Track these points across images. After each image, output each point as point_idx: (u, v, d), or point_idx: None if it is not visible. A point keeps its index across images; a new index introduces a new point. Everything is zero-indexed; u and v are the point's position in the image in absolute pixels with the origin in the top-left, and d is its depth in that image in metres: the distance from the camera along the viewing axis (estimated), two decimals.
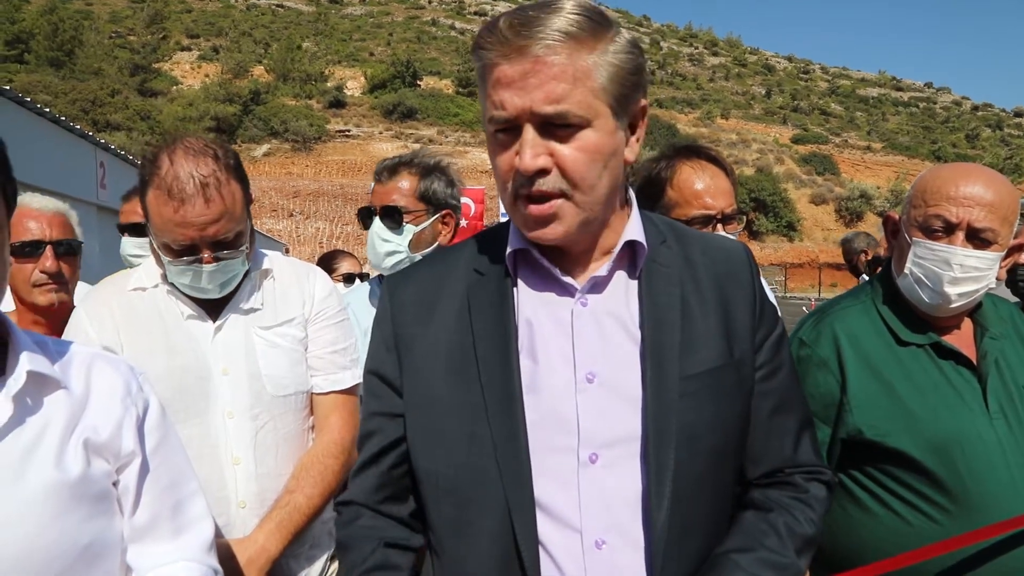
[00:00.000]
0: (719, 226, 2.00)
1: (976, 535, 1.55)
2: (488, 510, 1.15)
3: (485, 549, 1.16)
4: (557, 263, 1.20)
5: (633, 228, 1.22)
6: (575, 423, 1.15)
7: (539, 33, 1.06)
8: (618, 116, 1.13)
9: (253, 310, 1.88)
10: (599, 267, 1.21)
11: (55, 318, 2.20)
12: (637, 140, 1.18)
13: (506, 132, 1.12)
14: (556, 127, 1.09)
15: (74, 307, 2.41)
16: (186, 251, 1.72)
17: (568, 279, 1.20)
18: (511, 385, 1.16)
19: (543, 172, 1.10)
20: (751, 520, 1.22)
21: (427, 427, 1.22)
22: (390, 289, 1.31)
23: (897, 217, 1.81)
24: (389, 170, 2.35)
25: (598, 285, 1.21)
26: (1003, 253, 1.68)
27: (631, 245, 1.21)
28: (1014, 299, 3.42)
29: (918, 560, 1.55)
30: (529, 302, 1.21)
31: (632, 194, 1.27)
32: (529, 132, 1.09)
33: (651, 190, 2.07)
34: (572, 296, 1.20)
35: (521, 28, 1.07)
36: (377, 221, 2.31)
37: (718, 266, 1.25)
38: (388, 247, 2.30)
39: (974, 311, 1.79)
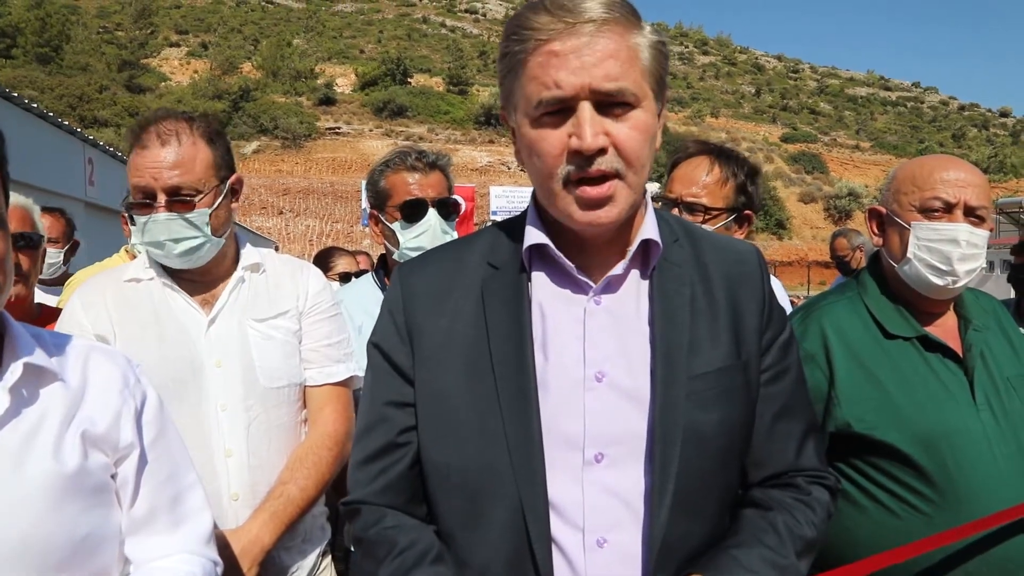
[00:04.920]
0: (677, 211, 2.07)
1: (962, 531, 1.56)
2: (500, 505, 1.14)
3: (496, 542, 1.15)
4: (574, 260, 1.18)
5: (649, 226, 1.20)
6: (581, 422, 1.15)
7: (586, 13, 1.05)
8: (657, 99, 1.13)
9: (247, 303, 1.89)
10: (615, 266, 1.19)
11: (13, 311, 2.17)
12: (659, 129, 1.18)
13: (555, 114, 1.09)
14: (612, 106, 1.07)
15: (34, 301, 2.41)
16: (145, 201, 1.80)
17: (583, 277, 1.18)
18: (525, 381, 1.15)
19: (602, 151, 1.07)
20: (750, 517, 1.20)
21: (439, 419, 1.20)
22: (403, 276, 1.29)
23: (884, 210, 1.82)
24: (428, 163, 2.32)
25: (612, 284, 1.20)
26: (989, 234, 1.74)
27: (645, 244, 1.20)
28: (1012, 295, 3.46)
29: (904, 558, 1.55)
30: (544, 298, 1.19)
31: (649, 191, 1.25)
32: (587, 110, 1.06)
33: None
34: (586, 294, 1.19)
35: (565, 13, 1.06)
36: (435, 213, 2.27)
37: (729, 266, 1.24)
38: (449, 239, 2.24)
39: (957, 304, 1.81)
